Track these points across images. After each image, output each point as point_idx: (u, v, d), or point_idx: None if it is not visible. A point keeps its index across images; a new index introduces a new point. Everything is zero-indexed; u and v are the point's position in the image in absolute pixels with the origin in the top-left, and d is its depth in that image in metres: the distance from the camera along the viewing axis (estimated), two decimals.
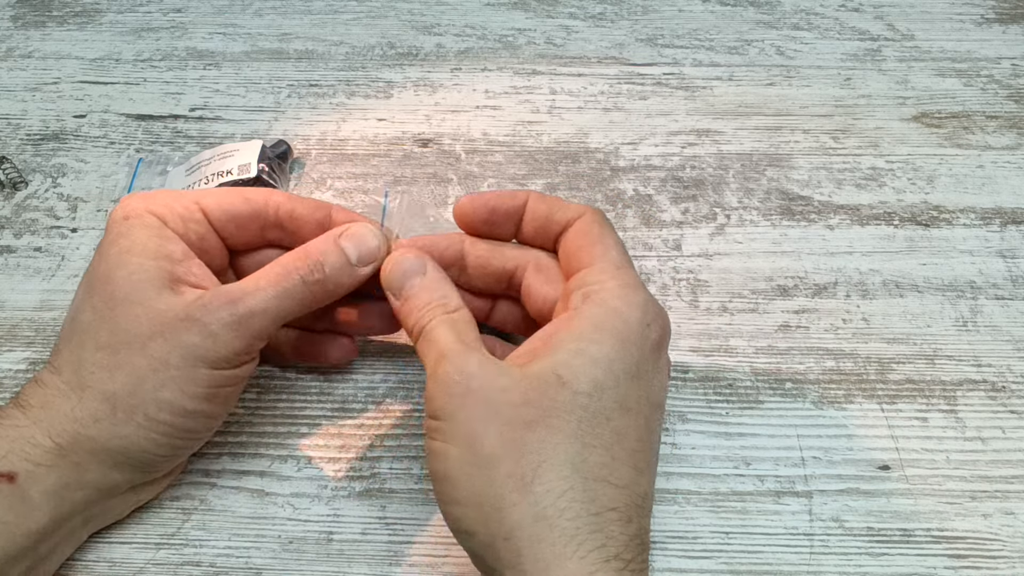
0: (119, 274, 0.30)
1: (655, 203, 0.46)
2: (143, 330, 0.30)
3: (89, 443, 0.30)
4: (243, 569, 0.33)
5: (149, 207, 0.32)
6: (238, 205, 0.33)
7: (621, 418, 0.28)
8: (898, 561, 0.33)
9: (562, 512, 0.26)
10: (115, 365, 0.30)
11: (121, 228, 0.32)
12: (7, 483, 0.29)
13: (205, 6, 0.60)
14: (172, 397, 0.30)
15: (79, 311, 0.31)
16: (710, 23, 0.58)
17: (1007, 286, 0.42)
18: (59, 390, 0.30)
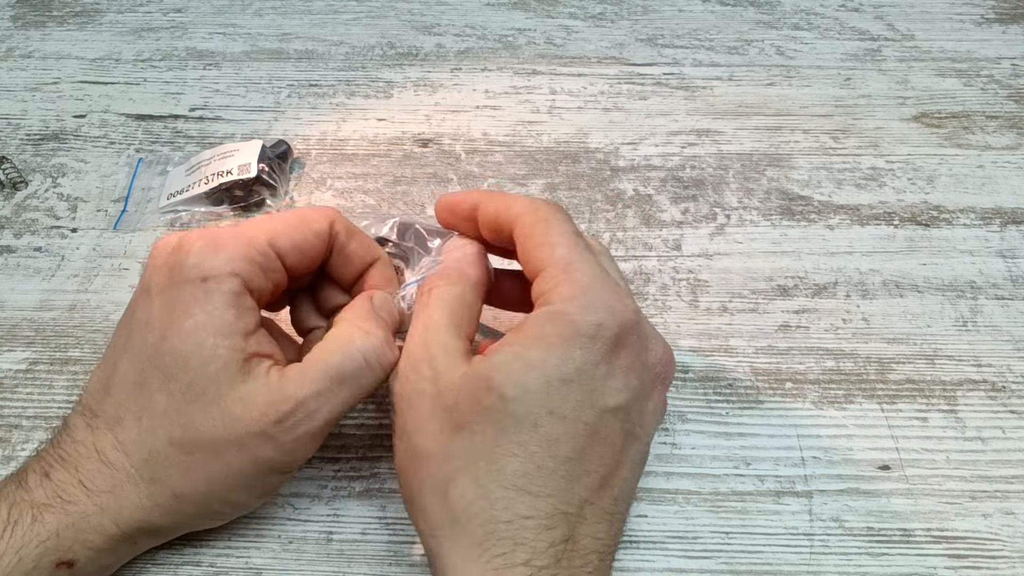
0: (195, 360, 0.28)
1: (655, 203, 0.46)
2: (219, 436, 0.29)
3: (153, 529, 0.30)
4: (243, 569, 0.33)
5: (232, 267, 0.29)
6: (311, 242, 0.32)
7: (553, 425, 0.27)
8: (898, 561, 0.33)
9: (472, 517, 0.27)
10: (188, 466, 0.29)
11: (198, 293, 0.29)
12: (66, 569, 0.28)
13: (205, 6, 0.60)
14: (239, 498, 0.31)
15: (151, 389, 0.29)
16: (710, 23, 0.58)
17: (1007, 286, 0.42)
18: (129, 476, 0.29)
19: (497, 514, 0.26)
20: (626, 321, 0.29)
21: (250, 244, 0.30)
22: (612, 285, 0.29)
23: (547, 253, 0.30)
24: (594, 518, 0.28)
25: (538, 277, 0.30)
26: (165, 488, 0.29)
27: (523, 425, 0.27)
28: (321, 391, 0.29)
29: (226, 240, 0.30)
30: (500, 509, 0.27)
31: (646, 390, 0.30)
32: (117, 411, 0.30)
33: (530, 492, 0.27)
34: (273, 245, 0.31)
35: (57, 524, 0.28)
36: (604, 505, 0.28)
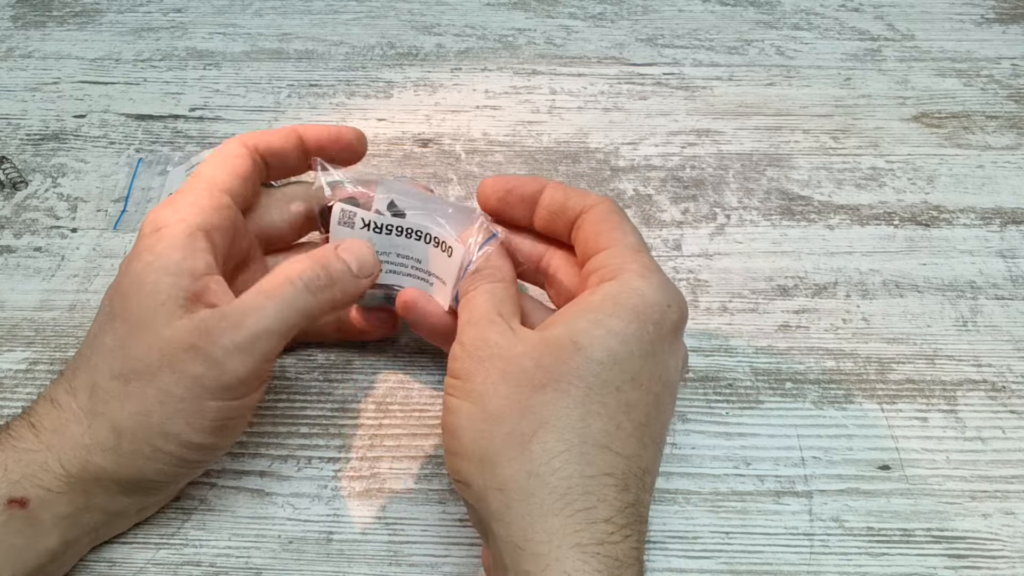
0: (136, 295, 0.30)
1: (655, 203, 0.46)
2: (153, 360, 0.29)
3: (97, 471, 0.30)
4: (243, 569, 0.33)
5: (181, 214, 0.31)
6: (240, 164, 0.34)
7: (632, 391, 0.29)
8: (898, 561, 0.33)
9: (555, 471, 0.27)
10: (126, 395, 0.29)
11: (149, 241, 0.31)
12: (19, 508, 0.29)
13: (205, 6, 0.60)
14: (178, 430, 0.30)
15: (102, 332, 0.31)
16: (710, 23, 0.58)
17: (1007, 286, 0.42)
18: (74, 415, 0.30)
19: (582, 468, 0.27)
20: (684, 308, 0.31)
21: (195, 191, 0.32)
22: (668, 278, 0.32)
23: (620, 237, 0.32)
24: (648, 487, 0.29)
25: (605, 251, 0.32)
26: (105, 422, 0.30)
27: (608, 387, 0.28)
28: (247, 303, 0.30)
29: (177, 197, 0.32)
30: (585, 464, 0.27)
31: (682, 374, 0.32)
32: (75, 362, 0.31)
33: (612, 450, 0.28)
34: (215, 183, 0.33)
35: (4, 458, 0.29)
36: (654, 475, 0.30)
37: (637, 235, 0.33)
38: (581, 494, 0.27)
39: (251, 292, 0.31)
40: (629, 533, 0.27)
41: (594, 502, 0.27)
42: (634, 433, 0.28)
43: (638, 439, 0.28)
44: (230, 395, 0.30)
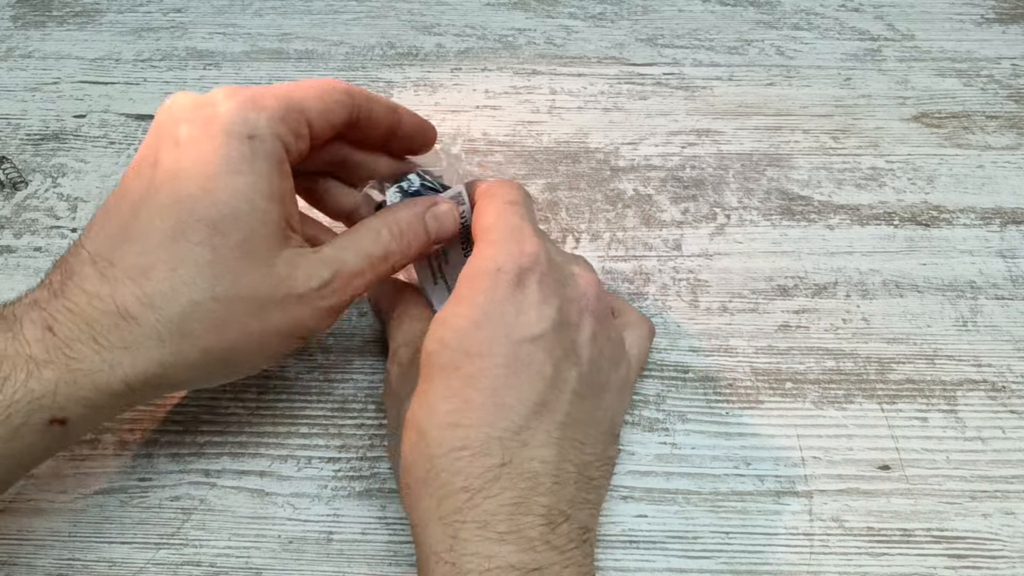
0: (248, 219, 0.28)
1: (655, 203, 0.46)
2: (263, 295, 0.29)
3: (166, 383, 0.29)
4: (243, 569, 0.33)
5: (275, 128, 0.29)
6: (337, 112, 0.32)
7: (470, 364, 0.30)
8: (898, 561, 0.33)
9: (415, 462, 0.29)
10: (226, 322, 0.29)
11: (244, 151, 0.29)
12: (59, 426, 0.27)
13: (205, 6, 0.60)
14: (262, 358, 0.31)
15: (191, 241, 0.28)
16: (710, 23, 0.58)
17: (1007, 286, 0.42)
18: (153, 331, 0.28)
19: (433, 451, 0.29)
20: (523, 262, 0.31)
21: (287, 107, 0.30)
22: (519, 236, 0.32)
23: (480, 222, 0.33)
24: (536, 442, 0.29)
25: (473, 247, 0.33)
26: (197, 343, 0.29)
27: (447, 371, 0.30)
28: (355, 270, 0.31)
29: (267, 99, 0.30)
30: (435, 446, 0.29)
31: (570, 320, 0.32)
32: (142, 261, 0.28)
33: (461, 425, 0.29)
34: (304, 112, 0.31)
35: (56, 381, 0.27)
36: (547, 429, 0.30)
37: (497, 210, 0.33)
38: (436, 473, 0.28)
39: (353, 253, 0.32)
40: (495, 492, 0.28)
41: (448, 477, 0.28)
42: (487, 400, 0.29)
43: (493, 404, 0.29)
44: (313, 334, 0.32)
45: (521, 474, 0.29)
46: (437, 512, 0.28)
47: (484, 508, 0.28)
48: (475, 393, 0.29)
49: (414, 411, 0.30)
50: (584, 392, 0.31)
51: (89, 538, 0.34)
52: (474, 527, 0.27)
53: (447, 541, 0.27)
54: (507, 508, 0.28)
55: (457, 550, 0.27)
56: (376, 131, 0.34)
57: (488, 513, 0.28)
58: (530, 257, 0.31)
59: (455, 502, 0.28)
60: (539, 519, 0.28)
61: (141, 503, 0.35)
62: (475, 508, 0.28)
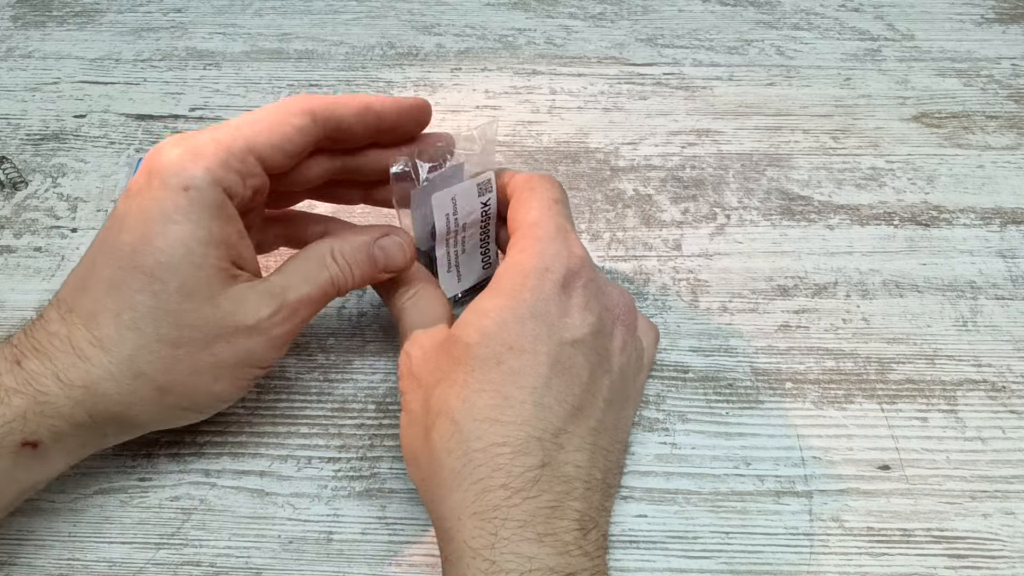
0: (184, 266, 0.29)
1: (655, 203, 0.46)
2: (210, 331, 0.30)
3: (129, 420, 0.30)
4: (243, 569, 0.33)
5: (213, 175, 0.29)
6: (292, 138, 0.31)
7: (514, 359, 0.30)
8: (898, 561, 0.33)
9: (450, 452, 0.29)
10: (175, 360, 0.30)
11: (180, 201, 0.29)
12: (30, 449, 0.29)
13: (205, 6, 0.60)
14: (222, 390, 0.31)
15: (132, 290, 0.29)
16: (710, 23, 0.58)
17: (1007, 286, 0.42)
18: (108, 373, 0.29)
19: (472, 444, 0.28)
20: (572, 265, 0.32)
21: (228, 151, 0.30)
22: (565, 237, 0.32)
23: (522, 216, 0.33)
24: (572, 446, 0.29)
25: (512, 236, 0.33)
26: (150, 383, 0.30)
27: (488, 364, 0.30)
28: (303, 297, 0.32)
29: (205, 148, 0.30)
30: (474, 439, 0.28)
31: (606, 328, 0.32)
32: (93, 307, 0.30)
33: (501, 421, 0.29)
34: (253, 151, 0.31)
35: (25, 408, 0.29)
36: (581, 434, 0.30)
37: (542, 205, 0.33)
38: (474, 467, 0.28)
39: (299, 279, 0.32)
40: (535, 494, 0.28)
41: (487, 472, 0.28)
42: (528, 399, 0.29)
43: (534, 403, 0.29)
44: (268, 363, 0.32)
45: (558, 477, 0.29)
46: (473, 507, 0.28)
47: (524, 508, 0.27)
48: (516, 390, 0.29)
49: (446, 401, 0.29)
50: (613, 400, 0.32)
51: (89, 538, 0.34)
52: (514, 526, 0.27)
53: (487, 538, 0.27)
54: (545, 511, 0.28)
55: (498, 548, 0.27)
56: (353, 136, 0.34)
57: (528, 513, 0.27)
58: (578, 261, 0.32)
59: (494, 499, 0.28)
60: (574, 524, 0.28)
61: (141, 503, 0.35)
62: (515, 507, 0.27)
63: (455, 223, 0.35)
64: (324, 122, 0.32)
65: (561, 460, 0.29)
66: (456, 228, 0.36)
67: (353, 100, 0.33)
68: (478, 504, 0.28)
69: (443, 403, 0.30)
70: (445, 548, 0.28)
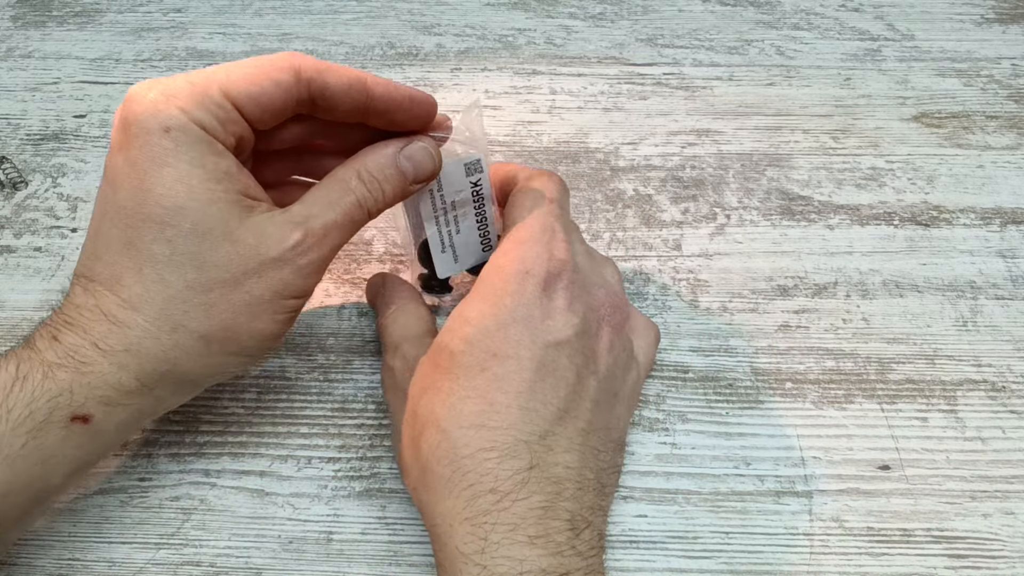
0: (191, 205, 0.28)
1: (655, 203, 0.46)
2: (236, 268, 0.29)
3: (179, 376, 0.30)
4: (243, 569, 0.33)
5: (190, 115, 0.29)
6: (270, 92, 0.30)
7: (498, 365, 0.30)
8: (898, 561, 0.33)
9: (439, 460, 0.29)
10: (210, 303, 0.29)
11: (165, 143, 0.28)
12: (82, 423, 0.28)
13: (205, 6, 0.60)
14: (263, 327, 0.31)
15: (145, 242, 0.28)
16: (710, 23, 0.58)
17: (1007, 286, 0.42)
18: (146, 331, 0.29)
19: (459, 451, 0.28)
20: (552, 267, 0.32)
21: (204, 92, 0.29)
22: (550, 239, 0.32)
23: (513, 215, 0.34)
24: (560, 448, 0.30)
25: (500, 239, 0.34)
26: (190, 332, 0.29)
27: (472, 371, 0.30)
28: (328, 223, 0.31)
29: (179, 90, 0.29)
30: (461, 446, 0.28)
31: (591, 328, 0.32)
32: (112, 271, 0.29)
33: (487, 427, 0.29)
34: (228, 95, 0.29)
35: (71, 381, 0.28)
36: (569, 435, 0.30)
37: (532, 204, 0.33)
38: (462, 474, 0.28)
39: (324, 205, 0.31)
40: (524, 495, 0.28)
41: (476, 477, 0.28)
42: (513, 403, 0.29)
43: (519, 407, 0.29)
44: (305, 294, 0.32)
45: (548, 478, 0.29)
46: (464, 513, 0.28)
47: (514, 511, 0.28)
48: (501, 395, 0.29)
49: (432, 409, 0.30)
50: (601, 400, 0.32)
51: (89, 538, 0.34)
52: (504, 529, 0.27)
53: (477, 543, 0.27)
54: (536, 512, 0.28)
55: (488, 552, 0.27)
56: (338, 106, 0.32)
57: (518, 516, 0.28)
58: (559, 263, 0.32)
59: (483, 503, 0.28)
60: (565, 524, 0.28)
61: (141, 503, 0.35)
62: (505, 511, 0.28)
63: (442, 200, 0.35)
64: (308, 83, 0.31)
65: (550, 461, 0.29)
66: (444, 206, 0.35)
67: (347, 71, 0.31)
68: (468, 510, 0.28)
69: (429, 412, 0.30)
70: (439, 554, 0.29)
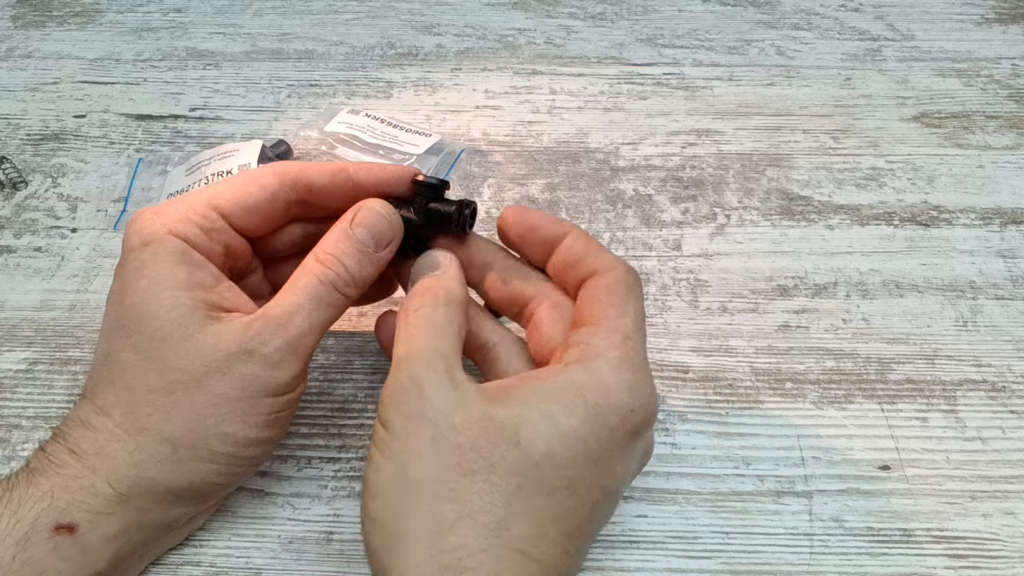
0: (155, 311, 0.29)
1: (655, 203, 0.46)
2: (197, 368, 0.29)
3: (150, 484, 0.29)
4: (243, 569, 0.33)
5: (170, 228, 0.30)
6: (255, 195, 0.31)
7: (566, 498, 0.27)
8: (898, 561, 0.33)
9: (468, 570, 0.25)
10: (171, 405, 0.29)
11: (144, 256, 0.30)
12: (67, 534, 0.28)
13: (205, 6, 0.60)
14: (234, 430, 0.29)
15: (116, 350, 0.30)
16: (710, 23, 0.58)
17: (1007, 286, 0.42)
18: (113, 435, 0.29)
19: (497, 572, 0.25)
20: (651, 411, 0.29)
21: (189, 207, 0.31)
22: (650, 375, 0.30)
23: (617, 315, 0.30)
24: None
25: (594, 327, 0.29)
26: (154, 435, 0.29)
27: (539, 489, 0.26)
28: (286, 305, 0.30)
29: (167, 207, 0.31)
30: (501, 568, 0.25)
31: (634, 475, 0.31)
32: (94, 381, 0.30)
33: (530, 557, 0.26)
34: (215, 206, 0.31)
35: (50, 485, 0.28)
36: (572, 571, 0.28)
37: (637, 318, 0.30)
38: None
39: (284, 293, 0.30)
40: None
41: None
42: (560, 541, 0.27)
43: (563, 548, 0.27)
44: (282, 391, 0.30)
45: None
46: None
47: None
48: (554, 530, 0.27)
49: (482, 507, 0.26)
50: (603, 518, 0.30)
51: None
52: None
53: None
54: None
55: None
56: (328, 200, 0.32)
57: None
58: (654, 410, 0.29)
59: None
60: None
61: None
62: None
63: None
64: (292, 183, 0.32)
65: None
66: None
67: (328, 165, 0.32)
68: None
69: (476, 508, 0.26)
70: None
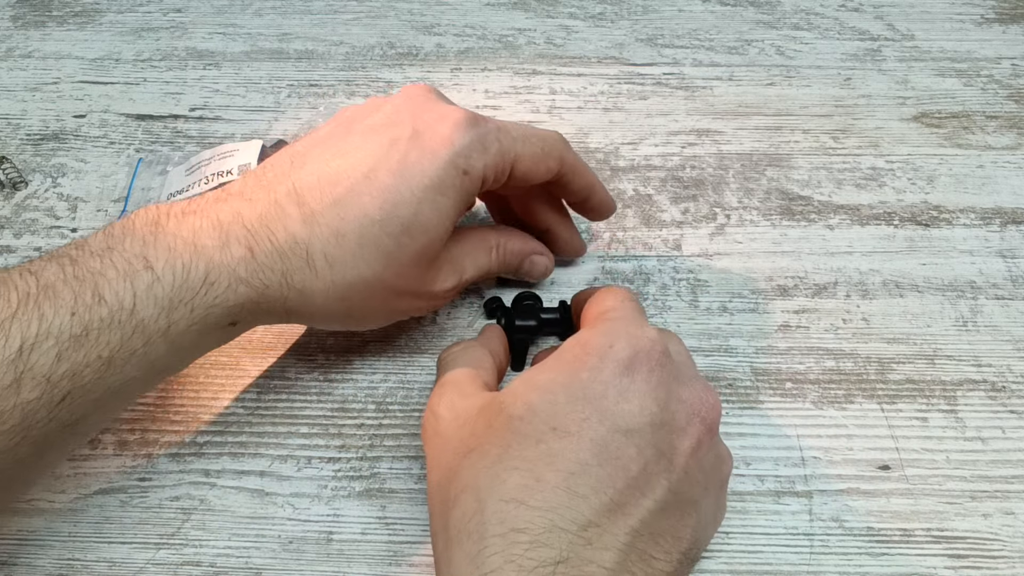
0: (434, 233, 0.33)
1: (655, 203, 0.46)
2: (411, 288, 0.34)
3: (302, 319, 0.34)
4: (243, 569, 0.33)
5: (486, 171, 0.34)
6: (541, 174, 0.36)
7: (555, 440, 0.27)
8: (898, 561, 0.33)
9: (469, 535, 0.26)
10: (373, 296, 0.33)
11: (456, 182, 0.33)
12: (230, 328, 0.32)
13: (205, 6, 0.60)
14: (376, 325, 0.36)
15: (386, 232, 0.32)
16: (710, 23, 0.58)
17: (1007, 286, 0.42)
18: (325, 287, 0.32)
19: (490, 528, 0.26)
20: (642, 347, 0.29)
21: (504, 157, 0.34)
22: (640, 322, 0.31)
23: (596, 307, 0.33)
24: (600, 544, 0.26)
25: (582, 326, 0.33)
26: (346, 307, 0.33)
27: (527, 441, 0.27)
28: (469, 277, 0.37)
29: (492, 144, 0.34)
30: (495, 522, 0.26)
31: (675, 422, 0.28)
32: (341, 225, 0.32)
33: (527, 504, 0.26)
34: (516, 164, 0.35)
35: (247, 298, 0.31)
36: (615, 532, 0.26)
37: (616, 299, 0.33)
38: (486, 556, 0.25)
39: (470, 254, 0.37)
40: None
41: (500, 562, 0.25)
42: (561, 484, 0.26)
43: (566, 490, 0.26)
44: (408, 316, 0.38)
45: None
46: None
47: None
48: (551, 473, 0.26)
49: (476, 473, 0.27)
50: (669, 503, 0.28)
51: (89, 538, 0.34)
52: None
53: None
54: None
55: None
56: (567, 196, 0.39)
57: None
58: (648, 343, 0.29)
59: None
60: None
61: (141, 503, 0.35)
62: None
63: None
64: (561, 174, 0.37)
65: (585, 557, 0.25)
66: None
67: (586, 172, 0.38)
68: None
69: (471, 476, 0.27)
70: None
